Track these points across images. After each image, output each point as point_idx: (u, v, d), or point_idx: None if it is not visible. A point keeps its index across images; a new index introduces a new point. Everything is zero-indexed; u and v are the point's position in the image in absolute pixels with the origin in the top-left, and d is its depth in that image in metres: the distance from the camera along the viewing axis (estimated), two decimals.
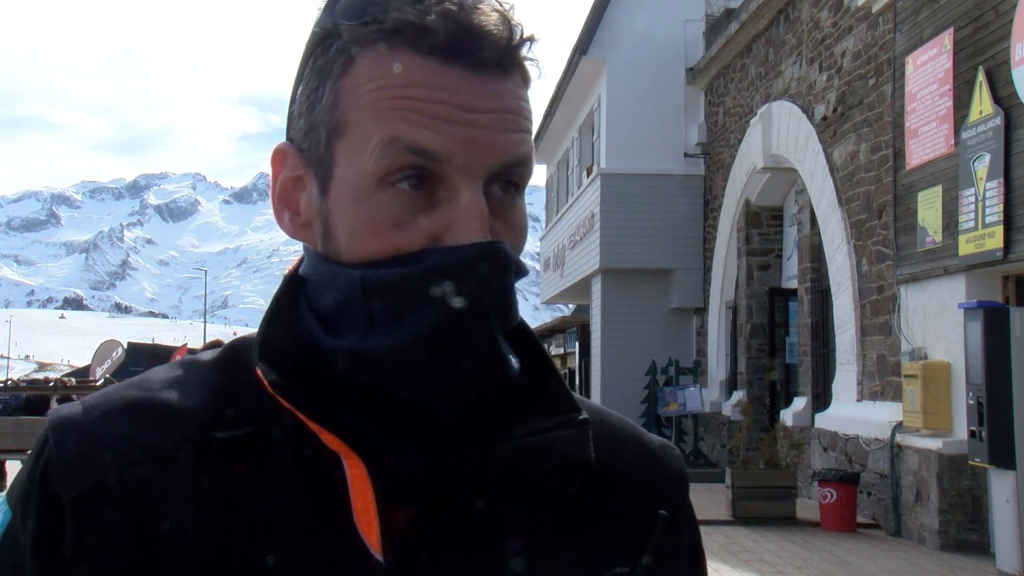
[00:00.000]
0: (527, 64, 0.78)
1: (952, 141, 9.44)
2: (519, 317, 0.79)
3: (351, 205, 0.75)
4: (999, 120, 8.67)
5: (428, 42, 0.73)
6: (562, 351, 28.99)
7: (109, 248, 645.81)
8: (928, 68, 9.92)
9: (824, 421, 12.23)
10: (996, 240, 8.64)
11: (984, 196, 8.85)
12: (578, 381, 25.56)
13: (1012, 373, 7.77)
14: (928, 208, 9.85)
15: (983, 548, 9.00)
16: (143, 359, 32.04)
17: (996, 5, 8.90)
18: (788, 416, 13.51)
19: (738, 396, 16.06)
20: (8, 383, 18.76)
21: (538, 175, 29.43)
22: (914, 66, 10.20)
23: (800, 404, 13.48)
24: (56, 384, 18.97)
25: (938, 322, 9.71)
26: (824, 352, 13.25)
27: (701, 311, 18.65)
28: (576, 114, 22.18)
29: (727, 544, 9.70)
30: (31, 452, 0.79)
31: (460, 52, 0.73)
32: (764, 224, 16.34)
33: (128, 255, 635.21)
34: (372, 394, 0.75)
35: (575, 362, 26.16)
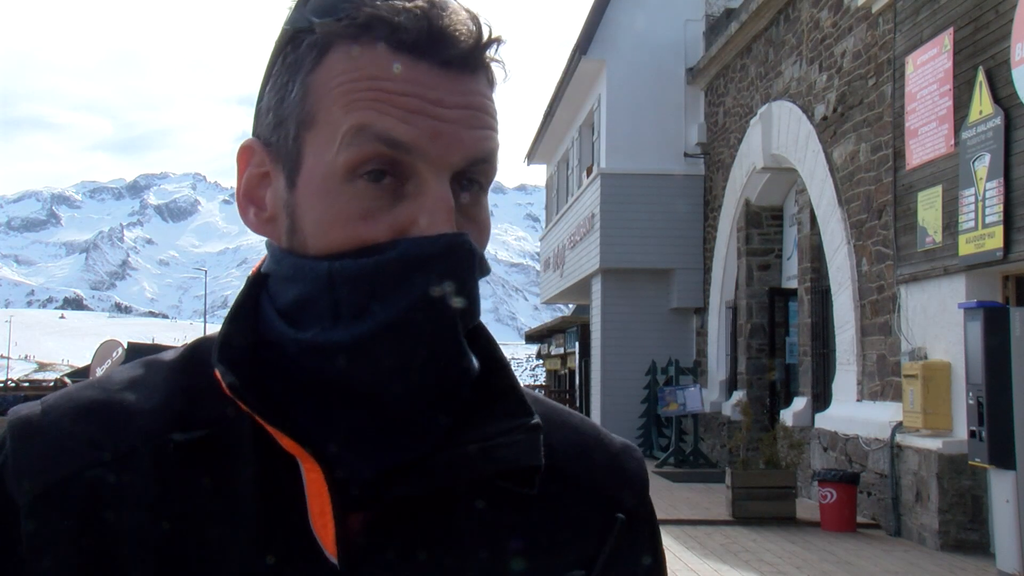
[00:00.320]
0: (494, 66, 0.79)
1: (952, 141, 9.44)
2: (480, 314, 0.79)
3: (319, 197, 0.76)
4: (999, 120, 8.67)
5: (399, 38, 0.74)
6: (562, 351, 28.98)
7: (109, 248, 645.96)
8: (928, 68, 9.92)
9: (824, 421, 12.23)
10: (996, 240, 8.64)
11: (984, 196, 8.85)
12: (578, 381, 25.56)
13: (1012, 373, 7.77)
14: (928, 208, 9.85)
15: (983, 548, 9.00)
16: None
17: (996, 5, 8.90)
18: (788, 416, 13.51)
19: (738, 396, 16.05)
20: (8, 383, 18.76)
21: (538, 175, 29.45)
22: (914, 66, 10.20)
23: (800, 404, 13.48)
24: (56, 384, 18.97)
25: (938, 322, 9.71)
26: (824, 352, 13.25)
27: (701, 311, 18.66)
28: (576, 114, 22.18)
29: (727, 544, 9.70)
30: None
31: (430, 50, 0.75)
32: (764, 224, 16.34)
33: (128, 255, 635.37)
34: (330, 393, 0.76)
35: (575, 362, 26.15)
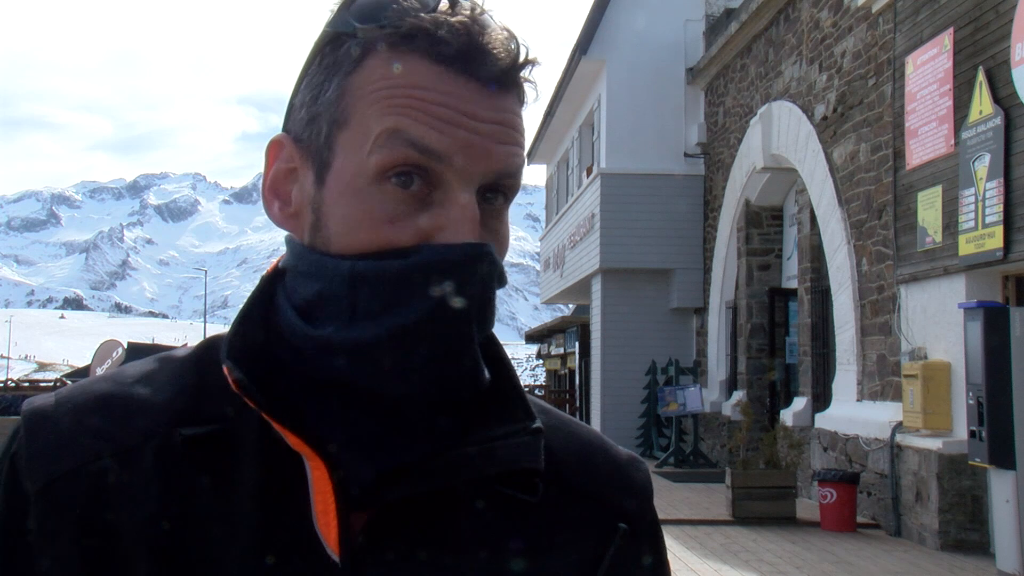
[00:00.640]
0: (526, 85, 0.81)
1: (952, 141, 9.44)
2: (494, 324, 0.80)
3: (347, 197, 0.76)
4: (999, 120, 8.67)
5: (439, 51, 0.76)
6: (562, 351, 28.98)
7: (109, 248, 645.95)
8: (928, 68, 9.92)
9: (824, 421, 12.23)
10: (996, 240, 8.64)
11: (984, 196, 8.85)
12: (578, 381, 25.56)
13: (1012, 373, 7.77)
14: (928, 208, 9.85)
15: (983, 548, 9.00)
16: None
17: (996, 5, 8.90)
18: (788, 416, 13.51)
19: (738, 396, 16.06)
20: (8, 383, 18.76)
21: (538, 175, 29.44)
22: (914, 66, 10.20)
23: (800, 404, 13.48)
24: (55, 384, 18.96)
25: (938, 322, 9.71)
26: (824, 352, 13.25)
27: (701, 311, 18.66)
28: (576, 114, 22.18)
29: (727, 544, 9.70)
30: (5, 442, 0.81)
31: (468, 64, 0.76)
32: (764, 224, 16.34)
33: (128, 255, 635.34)
34: (338, 392, 0.76)
35: (575, 362, 26.15)
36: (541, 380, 50.17)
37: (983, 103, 8.95)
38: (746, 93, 16.44)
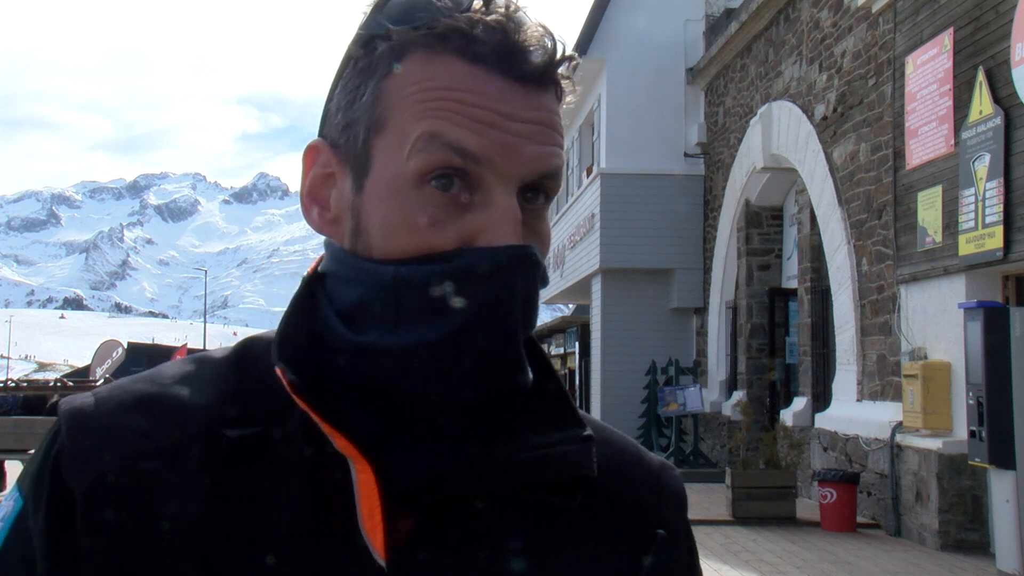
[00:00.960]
0: (564, 82, 0.80)
1: (952, 141, 9.44)
2: (536, 326, 0.80)
3: (387, 201, 0.76)
4: (999, 120, 8.67)
5: (475, 51, 0.75)
6: (562, 351, 28.98)
7: (109, 248, 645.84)
8: (928, 68, 9.93)
9: (824, 421, 12.23)
10: (996, 240, 8.65)
11: (984, 196, 8.85)
12: (578, 381, 25.56)
13: (1012, 373, 7.77)
14: (928, 208, 9.85)
15: (983, 548, 9.00)
16: (143, 359, 32.01)
17: (996, 5, 8.90)
18: (788, 416, 13.51)
19: (738, 396, 16.06)
20: (8, 383, 18.76)
21: None
22: (914, 66, 10.20)
23: (800, 404, 13.48)
24: (55, 384, 18.97)
25: (938, 322, 9.71)
26: (824, 352, 13.26)
27: (701, 311, 18.66)
28: (576, 114, 22.18)
29: (727, 544, 9.70)
30: (42, 441, 0.80)
31: (504, 63, 0.75)
32: (764, 224, 16.34)
33: (128, 255, 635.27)
34: (384, 395, 0.76)
35: (575, 362, 26.16)
36: None
37: (983, 103, 8.95)
38: (746, 93, 16.44)
